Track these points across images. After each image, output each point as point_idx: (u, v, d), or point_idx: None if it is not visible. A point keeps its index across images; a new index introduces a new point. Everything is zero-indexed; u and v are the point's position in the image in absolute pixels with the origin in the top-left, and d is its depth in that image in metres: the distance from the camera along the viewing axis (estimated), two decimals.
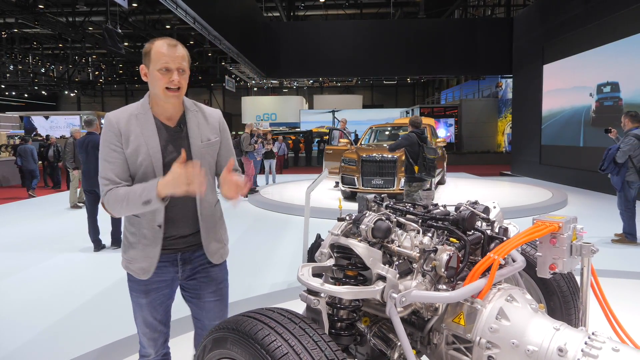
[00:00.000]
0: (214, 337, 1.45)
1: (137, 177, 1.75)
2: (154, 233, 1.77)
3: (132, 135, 1.72)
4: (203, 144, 1.83)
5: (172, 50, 1.69)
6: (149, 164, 1.73)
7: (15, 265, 5.39)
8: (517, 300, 1.62)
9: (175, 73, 1.69)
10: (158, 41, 1.72)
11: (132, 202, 1.64)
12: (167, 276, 1.85)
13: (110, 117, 1.75)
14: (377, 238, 1.64)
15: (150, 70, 1.72)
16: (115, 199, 1.67)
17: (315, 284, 1.49)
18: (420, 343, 1.75)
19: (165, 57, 1.68)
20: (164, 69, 1.69)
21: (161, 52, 1.69)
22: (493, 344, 1.53)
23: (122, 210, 1.69)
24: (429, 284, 1.61)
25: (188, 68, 1.75)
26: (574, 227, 1.78)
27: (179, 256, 1.85)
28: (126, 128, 1.73)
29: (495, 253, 1.60)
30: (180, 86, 1.71)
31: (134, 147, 1.72)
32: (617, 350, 1.39)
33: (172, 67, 1.69)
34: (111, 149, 1.72)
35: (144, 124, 1.74)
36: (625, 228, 5.90)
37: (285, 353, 1.23)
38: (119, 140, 1.72)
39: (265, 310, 1.43)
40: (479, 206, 1.98)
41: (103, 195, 1.71)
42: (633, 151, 5.55)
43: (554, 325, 1.52)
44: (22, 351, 3.23)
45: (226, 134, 1.93)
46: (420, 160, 5.92)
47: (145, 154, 1.72)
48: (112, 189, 1.69)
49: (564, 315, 2.15)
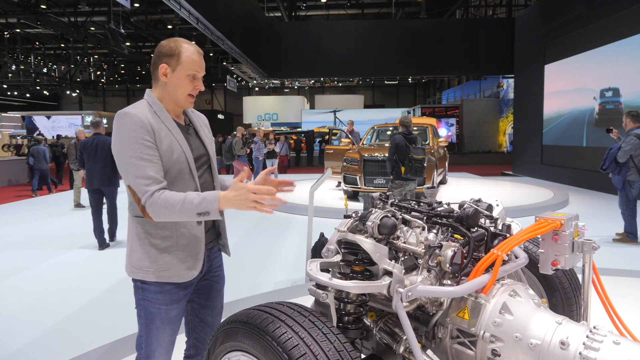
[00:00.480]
0: (225, 330, 1.49)
1: (171, 176, 1.66)
2: (193, 230, 1.72)
3: (163, 131, 1.67)
4: (210, 140, 1.88)
5: (201, 58, 1.73)
6: (184, 160, 1.69)
7: (21, 264, 5.44)
8: (520, 295, 1.66)
9: (201, 82, 1.74)
10: (188, 46, 1.70)
11: (186, 211, 1.54)
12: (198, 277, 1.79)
13: (134, 112, 1.63)
14: (383, 234, 1.68)
15: (177, 73, 1.69)
16: (166, 204, 1.54)
17: (324, 278, 1.53)
18: (425, 338, 1.79)
19: (197, 65, 1.71)
20: (192, 76, 1.70)
21: (194, 59, 1.70)
22: (497, 337, 1.57)
23: (168, 217, 1.57)
24: (434, 279, 1.65)
25: None
26: (576, 225, 1.82)
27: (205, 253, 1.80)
28: (156, 123, 1.66)
29: (499, 249, 1.63)
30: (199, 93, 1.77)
31: (168, 143, 1.66)
32: (618, 343, 1.43)
33: (199, 75, 1.73)
34: (146, 146, 1.60)
35: (166, 120, 1.70)
36: (626, 227, 5.93)
37: (296, 344, 1.27)
38: (151, 137, 1.62)
39: (275, 304, 1.47)
40: (482, 204, 2.03)
41: (148, 197, 1.56)
42: (634, 151, 5.58)
43: (556, 320, 1.56)
44: (29, 348, 3.28)
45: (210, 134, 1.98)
46: (406, 161, 5.89)
47: (179, 150, 1.68)
48: (160, 192, 1.57)
49: (565, 311, 2.19)
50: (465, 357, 1.64)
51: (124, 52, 11.46)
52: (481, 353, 1.59)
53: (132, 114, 1.62)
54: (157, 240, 1.69)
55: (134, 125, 1.60)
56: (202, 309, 1.90)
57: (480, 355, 1.59)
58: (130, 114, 1.62)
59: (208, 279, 1.88)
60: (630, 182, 5.72)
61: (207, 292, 1.89)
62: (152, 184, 1.57)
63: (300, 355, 1.25)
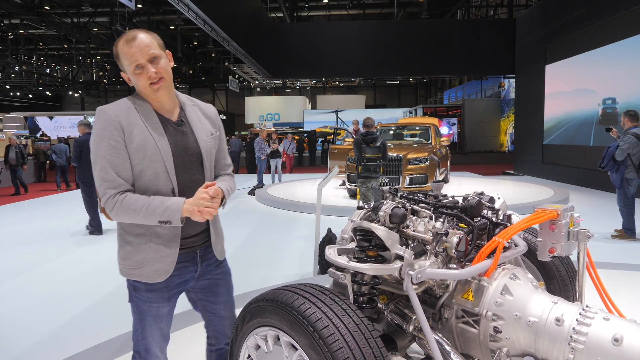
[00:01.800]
0: (253, 308, 1.65)
1: (144, 176, 1.61)
2: (171, 230, 1.64)
3: (136, 128, 1.59)
4: (208, 137, 1.76)
5: (133, 45, 1.56)
6: (159, 158, 1.60)
7: (33, 260, 5.61)
8: (519, 278, 1.82)
9: (149, 66, 1.58)
10: (119, 41, 1.60)
11: (148, 217, 1.54)
12: (187, 276, 1.76)
13: (107, 109, 1.58)
14: (394, 223, 1.84)
15: (128, 73, 1.61)
16: (128, 209, 1.54)
17: (342, 261, 1.68)
18: (432, 319, 1.94)
19: (132, 56, 1.57)
20: (136, 67, 1.58)
21: (125, 52, 1.58)
22: (498, 316, 1.72)
23: (129, 220, 1.58)
24: (441, 264, 1.81)
25: (162, 51, 1.63)
26: (571, 215, 1.97)
27: (198, 253, 1.77)
28: (127, 121, 1.58)
29: (500, 237, 1.78)
30: (162, 76, 1.60)
31: (140, 140, 1.58)
32: (608, 319, 1.59)
33: (143, 61, 1.57)
34: (111, 146, 1.55)
35: (146, 115, 1.62)
36: (624, 224, 6.08)
37: (320, 318, 1.43)
38: (120, 136, 1.56)
39: (298, 284, 1.63)
40: (484, 196, 2.18)
41: (106, 199, 1.55)
42: (632, 149, 5.73)
43: (552, 300, 1.72)
44: (44, 343, 3.43)
45: (222, 127, 1.89)
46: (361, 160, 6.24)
47: (154, 147, 1.59)
48: (123, 195, 1.56)
49: (562, 297, 2.34)
50: (469, 335, 1.80)
51: None
52: (484, 330, 1.74)
53: (105, 111, 1.59)
54: (131, 237, 1.66)
55: (104, 123, 1.58)
56: (213, 305, 1.89)
57: (483, 332, 1.74)
58: (104, 110, 1.59)
59: (209, 278, 1.84)
60: (628, 180, 5.87)
61: (212, 289, 1.86)
62: (109, 188, 1.56)
63: (323, 327, 1.41)
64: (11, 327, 3.66)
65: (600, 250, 5.50)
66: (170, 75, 1.66)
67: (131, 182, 1.60)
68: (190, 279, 1.78)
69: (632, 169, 5.79)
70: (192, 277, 1.78)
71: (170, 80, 1.66)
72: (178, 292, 1.78)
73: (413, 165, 8.64)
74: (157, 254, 1.64)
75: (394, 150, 9.05)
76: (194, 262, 1.76)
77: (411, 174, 8.58)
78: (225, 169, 1.89)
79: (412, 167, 8.62)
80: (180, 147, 1.68)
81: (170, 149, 1.64)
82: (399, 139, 10.88)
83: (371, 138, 6.29)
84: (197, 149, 1.72)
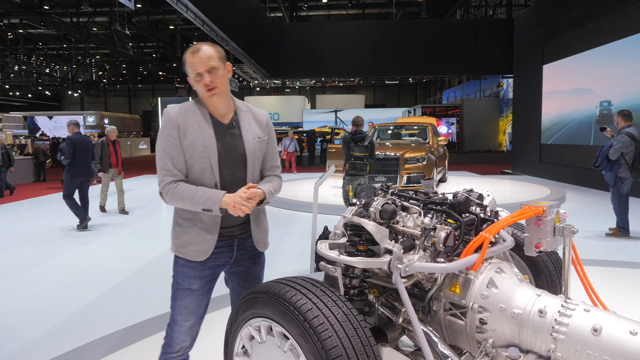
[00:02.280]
0: (247, 300, 1.72)
1: (193, 169, 1.87)
2: (213, 219, 1.88)
3: (190, 128, 1.86)
4: (255, 140, 1.97)
5: (196, 55, 1.82)
6: (205, 155, 1.86)
7: (41, 256, 5.67)
8: (505, 272, 1.88)
9: (206, 75, 1.82)
10: (188, 51, 1.86)
11: (194, 204, 1.81)
12: (221, 260, 1.97)
13: (170, 112, 1.89)
14: (384, 219, 1.90)
15: (190, 78, 1.88)
16: (178, 196, 1.83)
17: (333, 254, 1.75)
18: (421, 312, 2.00)
19: (194, 65, 1.83)
20: (197, 75, 1.83)
21: (189, 61, 1.84)
22: (484, 308, 1.78)
23: (179, 205, 1.87)
24: (429, 258, 1.87)
25: (221, 63, 1.86)
26: (557, 211, 2.03)
27: (236, 242, 1.98)
28: (184, 122, 1.86)
29: (487, 232, 1.84)
30: (216, 84, 1.84)
31: (192, 139, 1.85)
32: (588, 310, 1.65)
33: (202, 70, 1.82)
34: (169, 141, 1.85)
35: (200, 118, 1.89)
36: (618, 222, 6.14)
37: (310, 308, 1.49)
38: (177, 133, 1.85)
39: (289, 277, 1.69)
40: (474, 193, 2.24)
41: (163, 185, 1.85)
42: (625, 148, 5.80)
43: (536, 292, 1.78)
44: (40, 340, 3.49)
45: (272, 132, 2.08)
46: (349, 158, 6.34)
47: (202, 145, 1.85)
48: (175, 184, 1.83)
49: (550, 291, 2.40)
50: (456, 326, 1.86)
51: (129, 53, 11.67)
52: (470, 322, 1.81)
53: (168, 113, 1.89)
54: (181, 220, 1.93)
55: (166, 122, 1.88)
56: (240, 289, 2.09)
57: (470, 324, 1.81)
58: (167, 112, 1.89)
59: (243, 265, 2.06)
60: (621, 179, 5.94)
61: (243, 275, 2.08)
62: (167, 175, 1.85)
63: (314, 317, 1.47)
64: (7, 324, 3.72)
65: (594, 248, 5.56)
66: (226, 85, 1.90)
67: (185, 173, 1.88)
68: (224, 263, 1.99)
69: (626, 168, 5.86)
70: (227, 263, 2.00)
71: (224, 88, 1.89)
72: (212, 274, 1.97)
73: (410, 164, 8.71)
74: (199, 237, 1.89)
75: (391, 149, 9.11)
76: (230, 249, 1.98)
77: (408, 173, 8.64)
78: (273, 170, 2.09)
79: (410, 166, 8.69)
80: (228, 147, 1.92)
81: (216, 148, 1.88)
82: (396, 138, 10.95)
83: (360, 137, 6.38)
84: (242, 149, 1.94)
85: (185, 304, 1.93)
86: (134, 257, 5.63)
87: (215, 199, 1.80)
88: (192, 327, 1.96)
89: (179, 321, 1.94)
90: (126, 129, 36.36)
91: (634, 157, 5.81)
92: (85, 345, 3.18)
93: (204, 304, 1.98)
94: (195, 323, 1.97)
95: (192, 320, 1.95)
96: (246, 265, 2.07)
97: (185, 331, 1.95)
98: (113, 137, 8.29)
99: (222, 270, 2.02)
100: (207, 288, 1.98)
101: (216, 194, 1.81)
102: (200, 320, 1.99)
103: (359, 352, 1.44)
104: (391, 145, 9.64)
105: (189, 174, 1.89)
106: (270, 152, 2.07)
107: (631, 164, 5.83)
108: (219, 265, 1.98)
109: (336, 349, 1.42)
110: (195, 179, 1.89)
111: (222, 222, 1.91)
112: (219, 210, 1.80)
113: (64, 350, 3.12)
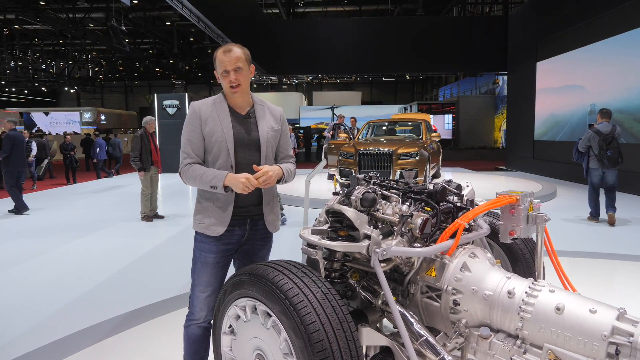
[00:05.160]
0: (233, 282, 1.82)
1: (212, 152, 2.14)
2: (226, 197, 2.13)
3: (210, 118, 2.14)
4: (268, 129, 2.22)
5: (227, 55, 2.08)
6: (222, 140, 2.12)
7: (31, 251, 5.77)
8: (478, 256, 1.98)
9: (232, 73, 2.09)
10: (220, 49, 2.13)
11: (203, 182, 2.07)
12: (235, 239, 2.19)
13: (194, 105, 2.18)
14: (364, 207, 2.00)
15: (218, 73, 2.14)
16: (192, 175, 2.10)
17: (314, 239, 1.85)
18: (401, 296, 2.11)
19: (223, 63, 2.08)
20: (224, 72, 2.09)
21: (219, 58, 2.10)
22: (457, 290, 1.89)
23: (193, 184, 2.13)
24: (407, 243, 1.97)
25: (246, 65, 2.13)
26: (531, 200, 2.14)
27: (249, 221, 2.21)
28: (206, 113, 2.14)
29: (462, 219, 1.95)
30: (240, 83, 2.10)
31: (211, 127, 2.13)
32: (553, 291, 1.76)
33: (229, 68, 2.08)
34: (192, 129, 2.14)
35: (219, 109, 2.17)
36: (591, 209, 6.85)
37: (291, 287, 1.59)
38: (198, 123, 2.13)
39: (273, 261, 1.80)
40: (452, 184, 2.35)
41: (182, 166, 2.14)
42: (588, 141, 6.44)
43: (506, 275, 1.89)
44: (39, 325, 3.60)
45: (285, 125, 2.32)
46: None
47: (220, 132, 2.12)
48: (191, 164, 2.11)
49: (527, 277, 2.51)
50: (432, 308, 1.97)
51: (126, 49, 11.72)
52: (445, 303, 1.91)
53: (193, 106, 2.19)
54: (202, 199, 2.20)
55: (190, 113, 2.18)
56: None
57: (444, 305, 1.91)
58: (192, 105, 2.19)
59: (251, 245, 2.27)
60: (590, 169, 6.58)
61: (250, 255, 2.29)
62: (187, 158, 2.14)
63: (294, 295, 1.57)
64: (7, 310, 3.82)
65: (582, 240, 5.71)
66: (247, 83, 2.17)
67: (202, 157, 2.16)
68: (237, 242, 2.21)
69: (594, 159, 6.47)
70: (239, 241, 2.22)
71: (246, 87, 2.17)
72: (226, 250, 2.20)
73: (403, 160, 8.81)
74: (216, 214, 2.15)
75: (385, 145, 9.21)
76: (242, 228, 2.20)
77: (401, 168, 8.74)
78: (287, 159, 2.32)
79: (403, 161, 8.79)
80: (243, 133, 2.18)
81: (233, 134, 2.14)
82: (391, 134, 11.05)
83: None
84: (257, 136, 2.19)
85: (202, 275, 2.17)
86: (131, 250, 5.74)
87: (219, 177, 2.03)
88: (208, 297, 2.19)
89: (196, 292, 2.19)
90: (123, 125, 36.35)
91: (598, 149, 6.38)
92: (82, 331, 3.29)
93: (219, 277, 2.20)
94: (210, 294, 2.19)
95: (208, 292, 2.18)
96: (255, 245, 2.28)
97: (202, 301, 2.18)
98: (152, 129, 7.33)
99: (235, 247, 2.23)
100: (222, 263, 2.20)
101: (221, 174, 2.04)
102: (215, 293, 2.18)
103: (335, 327, 1.55)
104: (385, 141, 9.73)
105: (208, 156, 2.16)
106: (284, 143, 2.31)
107: (598, 155, 6.39)
108: (233, 243, 2.20)
109: (314, 324, 1.52)
110: (213, 161, 2.14)
111: (237, 202, 2.15)
112: (222, 188, 2.02)
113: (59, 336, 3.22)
